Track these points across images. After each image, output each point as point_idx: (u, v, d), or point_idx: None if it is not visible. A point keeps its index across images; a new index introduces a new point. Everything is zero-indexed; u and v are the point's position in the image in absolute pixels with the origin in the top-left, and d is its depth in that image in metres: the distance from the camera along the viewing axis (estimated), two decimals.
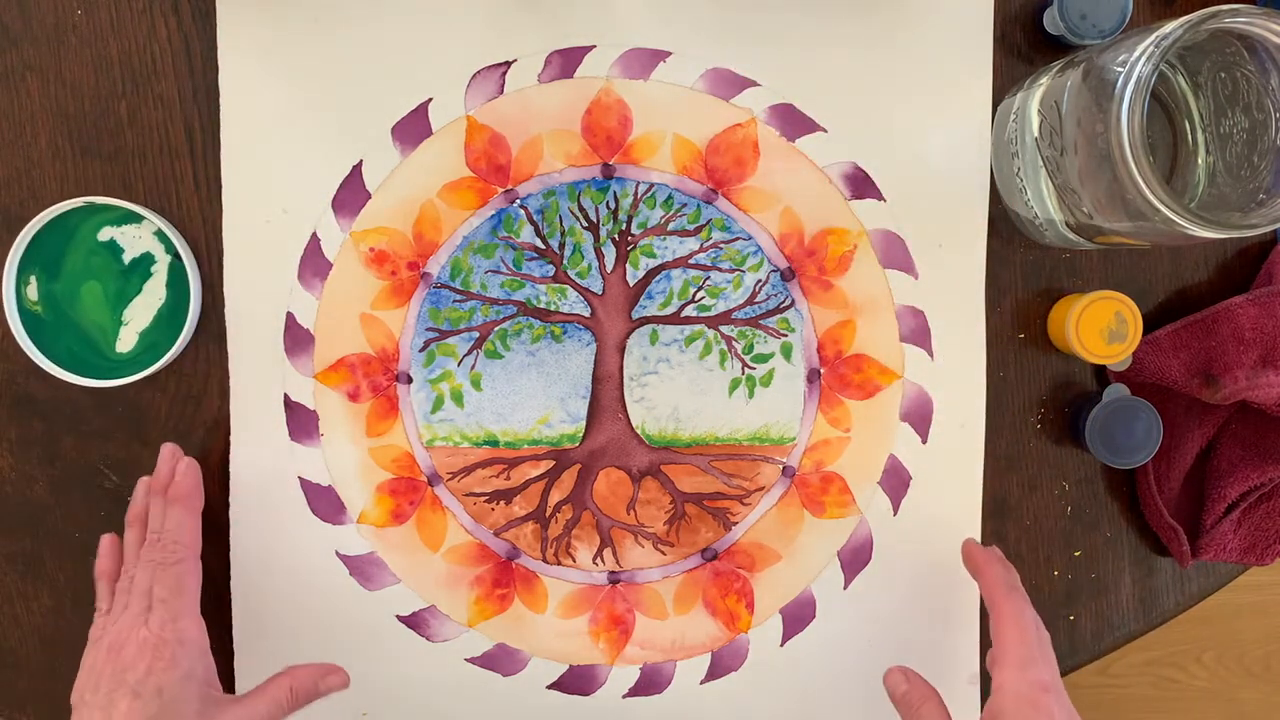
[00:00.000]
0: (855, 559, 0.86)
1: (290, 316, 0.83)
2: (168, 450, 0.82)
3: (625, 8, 0.83)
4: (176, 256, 0.82)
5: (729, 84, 0.83)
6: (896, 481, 0.86)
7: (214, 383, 0.84)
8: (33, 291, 0.82)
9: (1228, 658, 1.91)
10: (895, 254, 0.84)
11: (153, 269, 0.82)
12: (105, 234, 0.81)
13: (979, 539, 0.86)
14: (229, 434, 0.84)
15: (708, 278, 0.84)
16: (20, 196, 0.83)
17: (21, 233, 0.80)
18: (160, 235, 0.82)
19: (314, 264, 0.83)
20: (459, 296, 0.84)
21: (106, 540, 0.81)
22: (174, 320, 0.82)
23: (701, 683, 0.87)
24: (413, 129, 0.83)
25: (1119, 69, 0.64)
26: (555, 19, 0.82)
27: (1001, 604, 0.76)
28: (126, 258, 0.82)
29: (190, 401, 0.84)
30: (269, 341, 0.83)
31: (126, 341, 0.82)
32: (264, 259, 0.83)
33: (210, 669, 0.75)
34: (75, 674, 0.78)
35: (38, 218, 0.80)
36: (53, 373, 0.81)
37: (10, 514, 0.85)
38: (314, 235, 0.83)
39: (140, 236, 0.82)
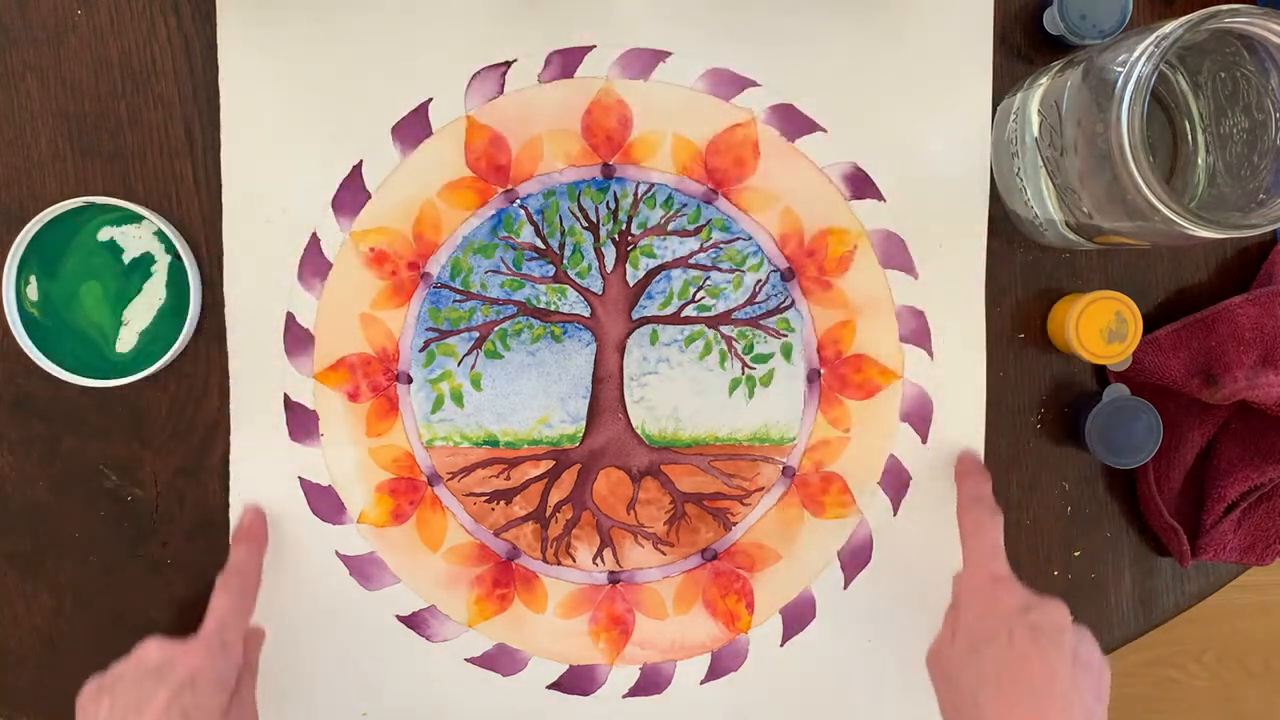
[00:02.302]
0: (855, 559, 0.86)
1: (290, 316, 0.83)
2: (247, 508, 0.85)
3: (625, 8, 0.83)
4: (176, 256, 0.82)
5: (729, 84, 0.83)
6: (896, 481, 0.86)
7: (214, 383, 0.84)
8: (33, 291, 0.82)
9: (1228, 658, 1.91)
10: (895, 254, 0.84)
11: (153, 269, 0.82)
12: (105, 234, 0.81)
13: None
14: (229, 434, 0.84)
15: (708, 278, 0.84)
16: (20, 196, 0.83)
17: (21, 233, 0.80)
18: (160, 235, 0.82)
19: (314, 264, 0.83)
20: (459, 296, 0.84)
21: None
22: (174, 320, 0.82)
23: (701, 683, 0.87)
24: (413, 129, 0.83)
25: (1119, 69, 0.64)
26: (555, 19, 0.82)
27: (962, 516, 0.81)
28: (126, 258, 0.82)
29: (190, 401, 0.84)
30: (269, 341, 0.83)
31: (126, 341, 0.82)
32: (264, 259, 0.83)
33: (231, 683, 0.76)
34: (75, 674, 0.78)
35: (38, 218, 0.80)
36: (53, 373, 0.81)
37: (10, 514, 0.85)
38: (314, 235, 0.83)
39: (140, 236, 0.82)
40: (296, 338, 0.83)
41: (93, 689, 0.73)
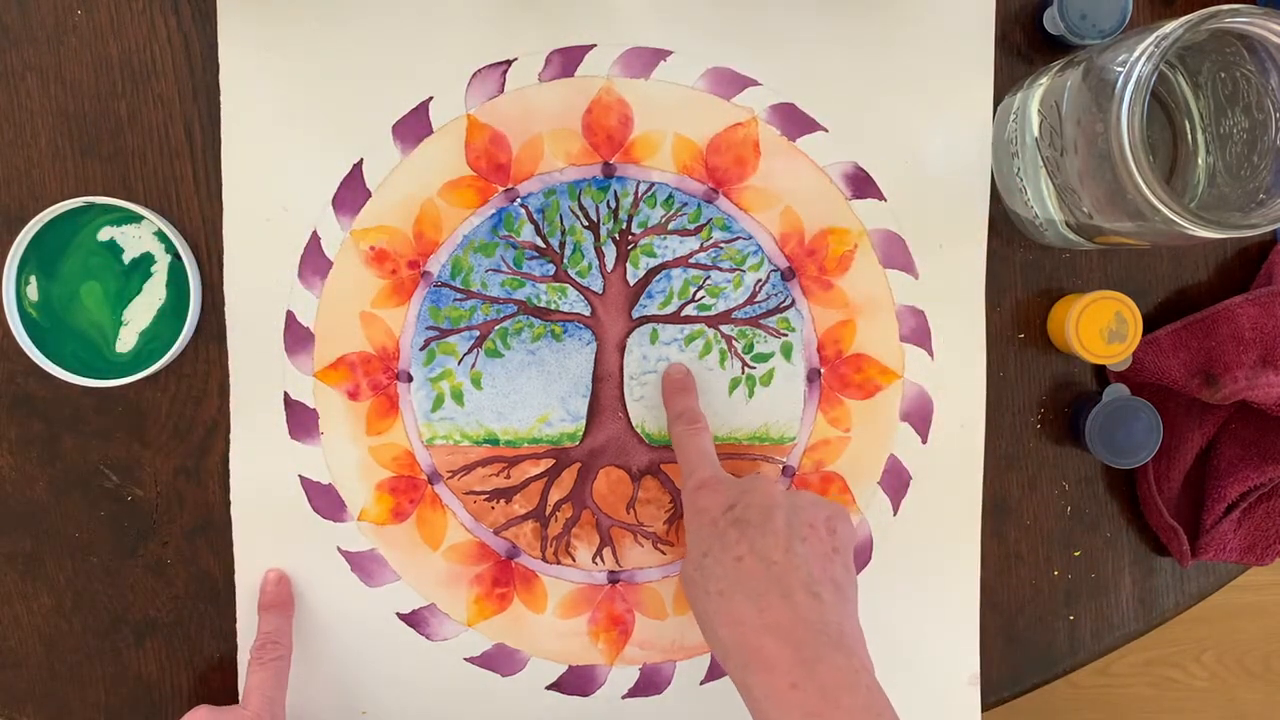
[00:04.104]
0: (855, 559, 0.86)
1: (290, 315, 0.83)
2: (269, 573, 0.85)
3: (626, 7, 0.83)
4: (176, 256, 0.82)
5: (730, 83, 0.83)
6: (896, 481, 0.86)
7: (214, 383, 0.84)
8: (33, 291, 0.82)
9: (1228, 658, 1.91)
10: (895, 254, 0.84)
11: (153, 269, 0.82)
12: (105, 234, 0.81)
13: (979, 539, 0.86)
14: (229, 434, 0.84)
15: (708, 277, 0.84)
16: (20, 196, 0.83)
17: (21, 233, 0.80)
18: (160, 235, 0.82)
19: (314, 262, 0.83)
20: (459, 295, 0.84)
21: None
22: (174, 320, 0.82)
23: (701, 683, 0.87)
24: (413, 128, 0.83)
25: (1119, 69, 0.64)
26: (556, 18, 0.82)
27: (670, 432, 0.82)
28: (126, 258, 0.82)
29: (190, 401, 0.84)
30: (269, 340, 0.83)
31: (126, 341, 0.82)
32: (264, 257, 0.83)
33: None
34: (75, 674, 0.78)
35: (38, 218, 0.80)
36: (53, 373, 0.81)
37: (10, 514, 0.85)
38: (314, 234, 0.83)
39: (140, 236, 0.82)
40: (296, 336, 0.83)
41: None
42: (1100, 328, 0.81)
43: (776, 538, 0.69)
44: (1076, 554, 0.88)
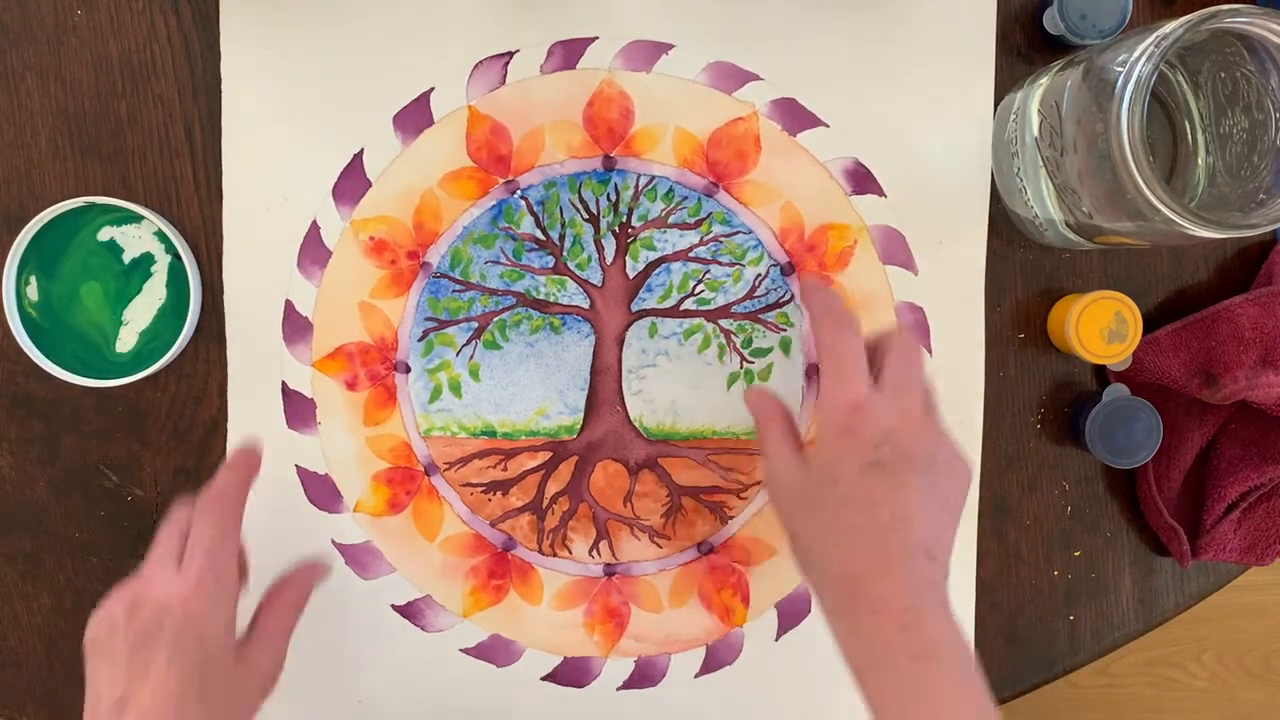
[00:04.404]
0: None
1: (289, 304, 0.83)
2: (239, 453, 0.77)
3: (628, 0, 0.83)
4: (176, 256, 0.82)
5: (731, 78, 0.83)
6: None
7: (214, 382, 0.84)
8: (33, 291, 0.82)
9: (1228, 658, 1.91)
10: (895, 250, 0.84)
11: (153, 269, 0.82)
12: (105, 234, 0.82)
13: (976, 538, 0.86)
14: (229, 433, 0.84)
15: (708, 271, 0.84)
16: (20, 196, 0.83)
17: (21, 233, 0.80)
18: (160, 235, 0.82)
19: (313, 252, 0.83)
20: (458, 286, 0.84)
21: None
22: (174, 320, 0.82)
23: (696, 676, 0.87)
24: (414, 118, 0.83)
25: (1119, 69, 0.64)
26: (558, 10, 0.82)
27: (818, 333, 0.72)
28: (126, 258, 0.82)
29: (190, 401, 0.84)
30: (267, 329, 0.83)
31: (126, 341, 0.82)
32: (264, 246, 0.83)
33: (234, 614, 0.72)
34: (75, 674, 0.78)
35: (38, 218, 0.80)
36: (53, 373, 0.81)
37: (10, 514, 0.85)
38: (314, 223, 0.83)
39: (140, 236, 0.82)
40: (295, 326, 0.83)
41: (90, 647, 0.69)
42: (1100, 328, 0.81)
43: (912, 494, 0.68)
44: (1076, 554, 0.88)
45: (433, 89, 0.83)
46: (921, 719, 0.64)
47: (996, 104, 0.83)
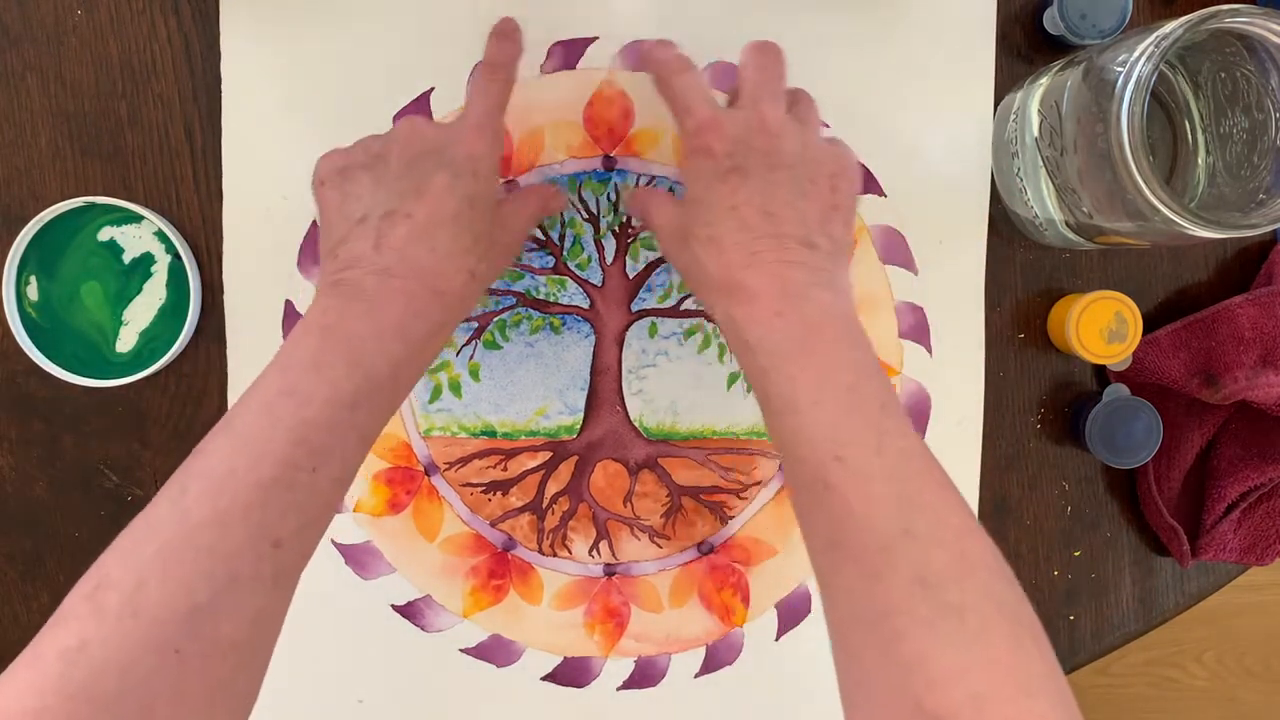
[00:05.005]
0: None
1: (289, 304, 0.83)
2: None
3: (628, 0, 0.83)
4: (176, 256, 0.82)
5: (731, 77, 0.83)
6: None
7: (214, 383, 0.84)
8: (33, 291, 0.82)
9: (1228, 658, 1.91)
10: (895, 250, 0.84)
11: (153, 269, 0.82)
12: (105, 234, 0.82)
13: None
14: None
15: None
16: (20, 196, 0.83)
17: (21, 233, 0.80)
18: (160, 235, 0.82)
19: (314, 251, 0.83)
20: None
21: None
22: (174, 320, 0.82)
23: (696, 676, 0.87)
24: None
25: (1119, 69, 0.64)
26: (558, 10, 0.82)
27: (665, 89, 0.71)
28: (126, 258, 0.82)
29: (190, 401, 0.84)
30: (268, 328, 0.83)
31: (126, 341, 0.82)
32: (264, 246, 0.83)
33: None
34: None
35: (38, 218, 0.80)
36: (53, 373, 0.81)
37: (10, 514, 0.85)
38: (314, 223, 0.83)
39: (140, 236, 0.82)
40: (295, 326, 0.83)
41: (337, 165, 0.70)
42: (1100, 328, 0.81)
43: (777, 189, 0.66)
44: (1076, 554, 0.88)
45: (433, 89, 0.82)
46: (800, 379, 0.62)
47: (996, 104, 0.83)
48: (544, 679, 0.87)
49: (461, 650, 0.86)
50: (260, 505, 0.57)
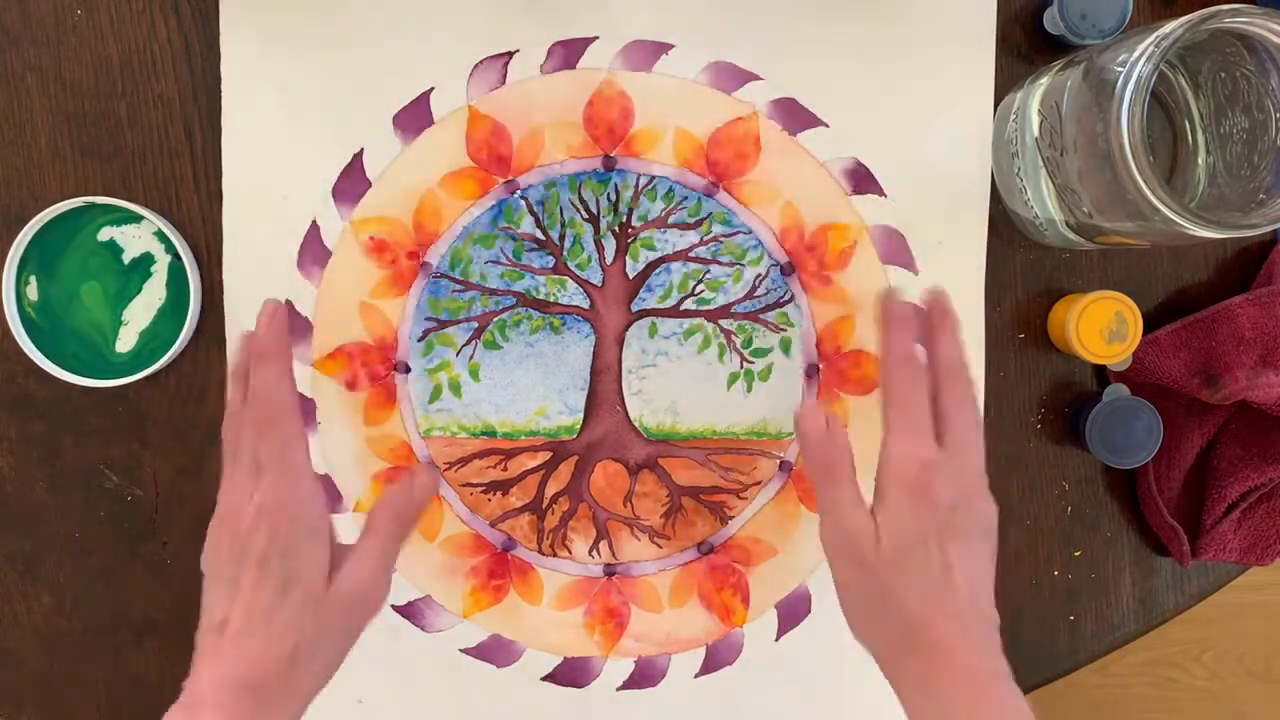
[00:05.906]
0: None
1: (289, 304, 0.83)
2: (266, 305, 0.72)
3: (628, 0, 0.83)
4: (176, 256, 0.82)
5: (731, 77, 0.83)
6: None
7: (214, 383, 0.84)
8: (33, 291, 0.82)
9: (1228, 658, 1.91)
10: (895, 250, 0.84)
11: (153, 269, 0.82)
12: (105, 234, 0.82)
13: None
14: None
15: (707, 271, 0.84)
16: (20, 196, 0.83)
17: (21, 233, 0.80)
18: (160, 235, 0.82)
19: (313, 252, 0.83)
20: (458, 286, 0.84)
21: (242, 335, 0.73)
22: (174, 320, 0.82)
23: (696, 676, 0.87)
24: (414, 118, 0.83)
25: (1119, 69, 0.64)
26: (558, 10, 0.82)
27: (888, 377, 0.72)
28: (126, 258, 0.82)
29: (190, 401, 0.84)
30: None
31: (126, 341, 0.82)
32: (264, 246, 0.83)
33: (331, 522, 0.72)
34: (75, 674, 0.78)
35: (38, 218, 0.80)
36: (53, 373, 0.81)
37: (10, 514, 0.85)
38: (314, 223, 0.83)
39: (140, 236, 0.82)
40: (295, 325, 0.83)
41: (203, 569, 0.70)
42: (1100, 328, 0.81)
43: (981, 561, 0.69)
44: (1076, 554, 0.88)
45: (433, 89, 0.82)
46: None
47: (996, 104, 0.83)
48: (544, 679, 0.86)
49: (461, 650, 0.86)
50: None
